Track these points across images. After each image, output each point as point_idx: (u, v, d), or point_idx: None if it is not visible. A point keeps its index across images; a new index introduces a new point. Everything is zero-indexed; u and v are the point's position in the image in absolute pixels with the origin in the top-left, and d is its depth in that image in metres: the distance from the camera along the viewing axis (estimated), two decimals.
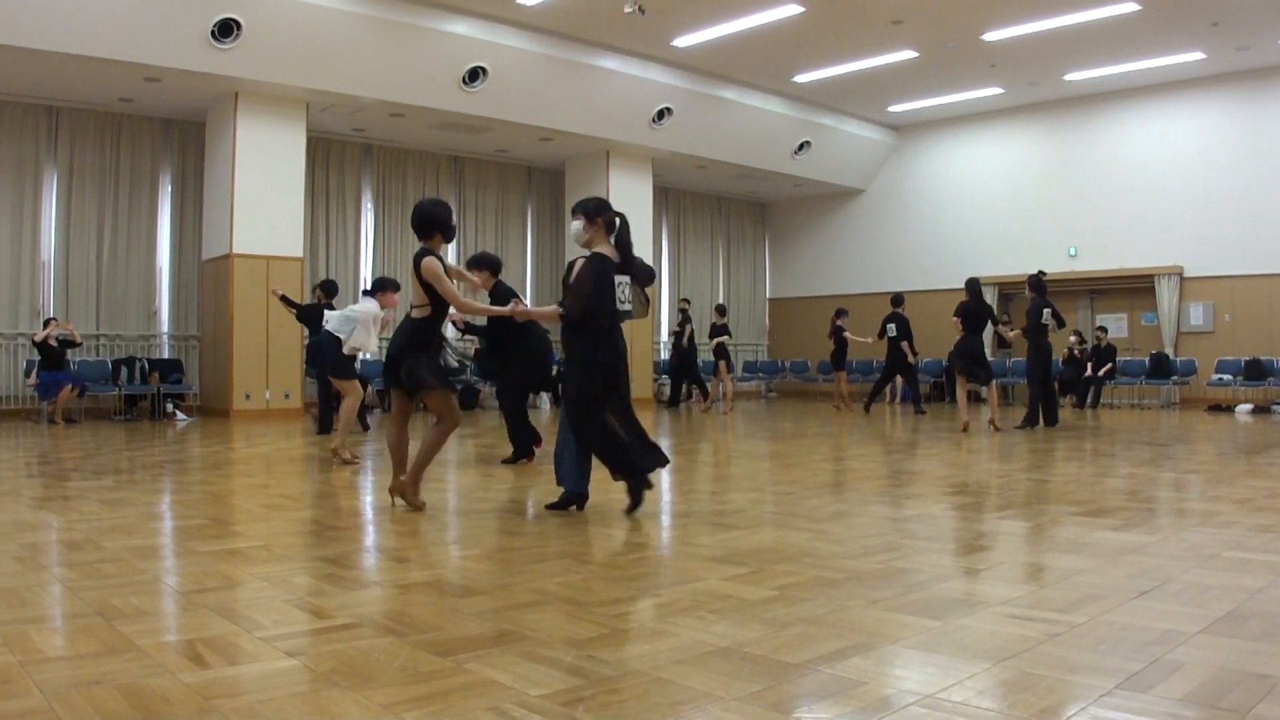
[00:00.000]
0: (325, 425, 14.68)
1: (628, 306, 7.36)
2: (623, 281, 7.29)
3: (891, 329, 20.04)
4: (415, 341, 7.43)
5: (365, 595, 4.80)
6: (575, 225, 7.35)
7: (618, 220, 7.40)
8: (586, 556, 5.80)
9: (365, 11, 17.04)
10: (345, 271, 21.61)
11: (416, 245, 7.49)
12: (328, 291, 15.08)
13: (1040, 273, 16.14)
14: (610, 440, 7.20)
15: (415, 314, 7.45)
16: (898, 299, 20.57)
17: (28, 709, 3.12)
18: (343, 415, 11.35)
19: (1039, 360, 15.76)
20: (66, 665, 3.61)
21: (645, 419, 18.61)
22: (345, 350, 11.12)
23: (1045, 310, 15.67)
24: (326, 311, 12.37)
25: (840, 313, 21.70)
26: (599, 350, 7.20)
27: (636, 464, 7.25)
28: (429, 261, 7.27)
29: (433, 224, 7.48)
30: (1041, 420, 15.74)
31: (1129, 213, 23.08)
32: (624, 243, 7.36)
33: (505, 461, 10.84)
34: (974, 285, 15.75)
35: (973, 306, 15.51)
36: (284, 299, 15.15)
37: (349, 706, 3.18)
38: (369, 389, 17.28)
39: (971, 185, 25.77)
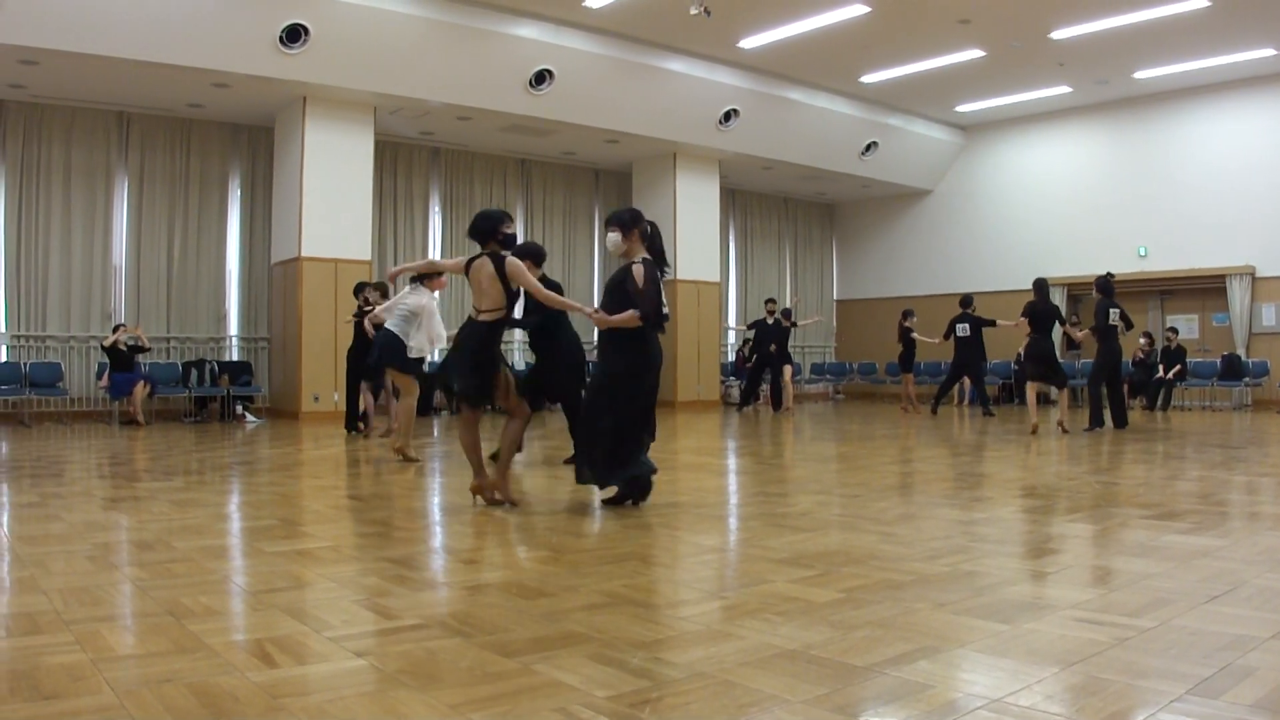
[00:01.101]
0: (352, 423, 15.12)
1: (667, 309, 7.61)
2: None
3: (964, 329, 19.90)
4: (482, 346, 7.51)
5: (433, 596, 4.83)
6: (613, 237, 7.50)
7: (649, 228, 7.54)
8: (653, 558, 5.81)
9: (432, 15, 17.14)
10: None
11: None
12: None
13: (1108, 274, 15.97)
14: (618, 440, 7.45)
15: (484, 317, 7.51)
16: (967, 300, 20.42)
17: (99, 706, 3.16)
18: (402, 413, 11.41)
19: (1108, 362, 15.64)
20: (137, 663, 3.65)
21: (711, 421, 18.65)
22: (411, 355, 11.17)
23: (1112, 311, 15.52)
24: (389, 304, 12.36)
25: (907, 314, 21.62)
26: (650, 352, 7.48)
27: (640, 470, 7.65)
28: (514, 261, 7.45)
29: (489, 233, 7.63)
30: (1111, 422, 15.61)
31: (1200, 212, 22.81)
32: (659, 250, 7.56)
33: (567, 461, 10.90)
34: (1041, 285, 15.59)
35: (1040, 306, 15.37)
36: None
37: (416, 707, 3.20)
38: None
39: (1040, 185, 25.57)
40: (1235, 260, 22.37)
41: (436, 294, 11.54)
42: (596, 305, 7.71)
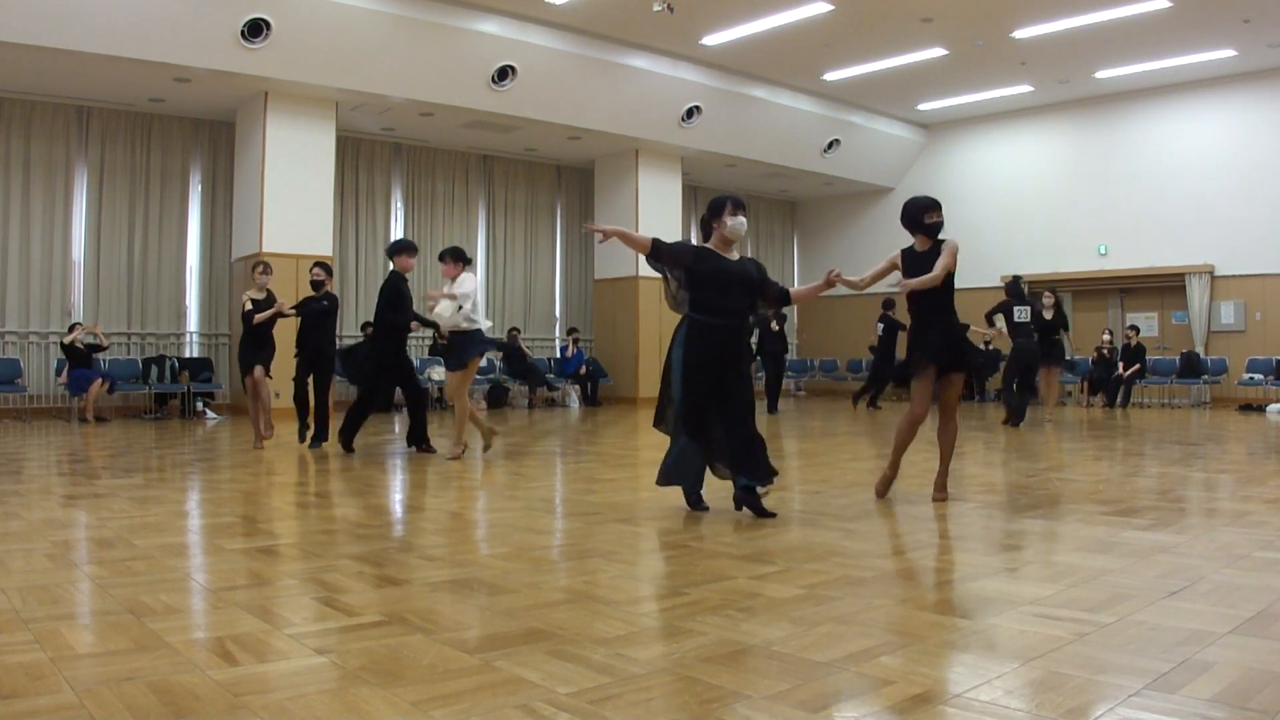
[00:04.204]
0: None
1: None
2: None
3: (880, 329, 20.67)
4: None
5: (394, 593, 4.82)
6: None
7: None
8: (615, 555, 5.80)
9: (395, 11, 17.09)
10: (374, 270, 21.68)
11: (445, 244, 7.56)
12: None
13: (1016, 277, 16.91)
14: None
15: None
16: (889, 303, 20.77)
17: (59, 705, 3.14)
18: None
19: (1018, 360, 16.08)
20: (97, 662, 3.63)
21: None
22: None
23: (1018, 309, 15.97)
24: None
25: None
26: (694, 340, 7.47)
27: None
28: (954, 242, 7.92)
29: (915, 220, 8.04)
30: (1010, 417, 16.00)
31: (1159, 211, 22.98)
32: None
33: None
34: (1054, 291, 16.72)
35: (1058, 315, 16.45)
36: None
37: (378, 704, 3.20)
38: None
39: (1001, 183, 25.68)
40: (1194, 259, 22.53)
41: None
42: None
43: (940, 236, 7.99)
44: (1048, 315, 16.13)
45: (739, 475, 7.10)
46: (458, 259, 11.10)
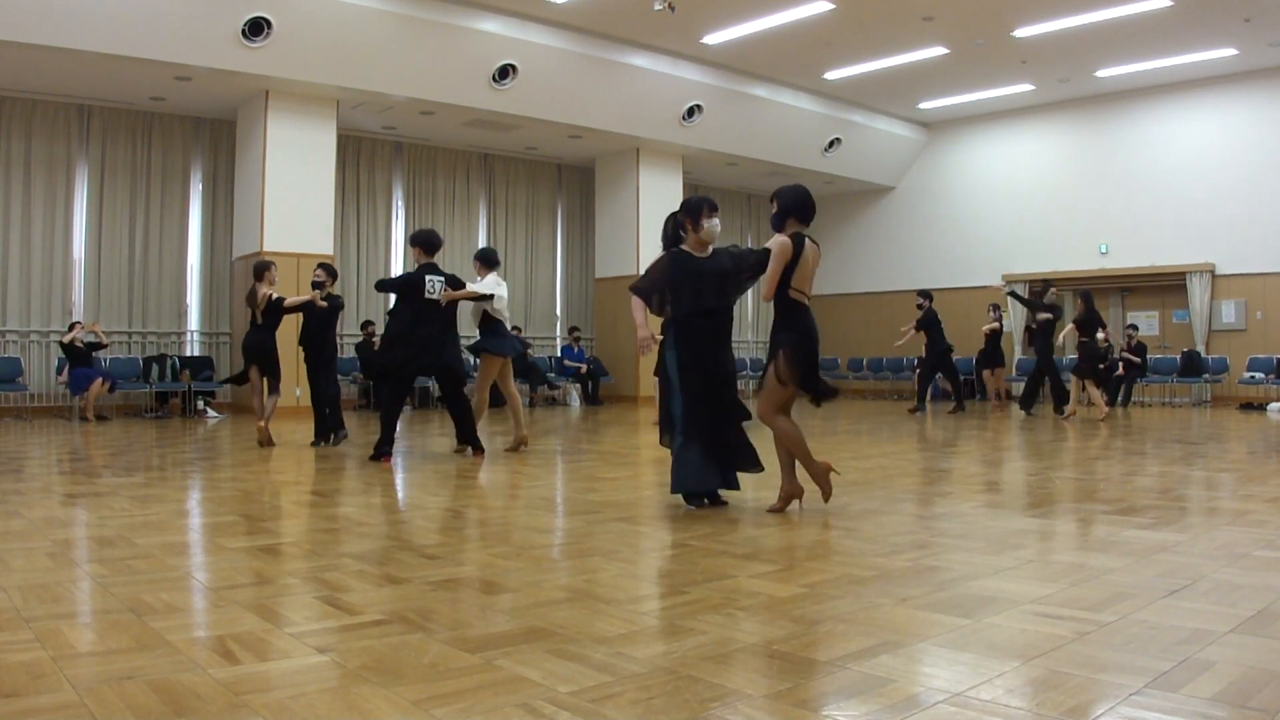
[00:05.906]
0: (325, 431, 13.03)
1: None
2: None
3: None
4: None
5: (395, 592, 4.82)
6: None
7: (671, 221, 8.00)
8: (616, 554, 5.80)
9: (396, 9, 17.09)
10: (375, 269, 21.71)
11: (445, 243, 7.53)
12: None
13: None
14: None
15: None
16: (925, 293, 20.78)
17: (60, 704, 3.14)
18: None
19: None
20: (98, 660, 3.62)
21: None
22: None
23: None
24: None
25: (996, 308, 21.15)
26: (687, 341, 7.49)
27: None
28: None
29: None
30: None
31: (1160, 210, 22.98)
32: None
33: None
34: (1088, 296, 17.94)
35: (1086, 315, 17.57)
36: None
37: (379, 702, 3.19)
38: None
39: (1002, 182, 25.68)
40: (1195, 258, 22.54)
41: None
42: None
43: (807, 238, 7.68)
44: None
45: (731, 469, 7.45)
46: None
